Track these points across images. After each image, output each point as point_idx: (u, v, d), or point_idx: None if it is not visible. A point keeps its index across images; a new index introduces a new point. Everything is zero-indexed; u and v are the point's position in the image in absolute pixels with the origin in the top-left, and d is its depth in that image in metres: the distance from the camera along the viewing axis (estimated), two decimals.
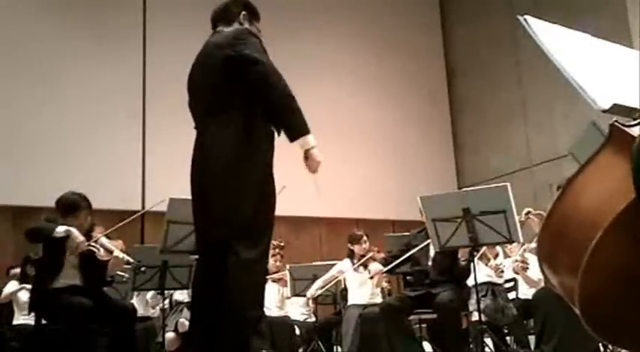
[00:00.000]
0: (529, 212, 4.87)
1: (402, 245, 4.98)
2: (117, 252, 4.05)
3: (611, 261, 1.19)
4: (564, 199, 1.30)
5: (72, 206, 4.01)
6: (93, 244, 3.98)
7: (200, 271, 2.87)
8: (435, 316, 4.55)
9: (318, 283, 5.85)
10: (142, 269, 4.54)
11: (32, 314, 4.14)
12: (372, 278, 5.17)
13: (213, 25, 3.01)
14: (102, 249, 4.00)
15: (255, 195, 2.71)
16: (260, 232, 2.73)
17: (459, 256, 4.48)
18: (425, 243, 4.60)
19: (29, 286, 5.82)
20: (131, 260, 4.21)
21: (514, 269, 5.00)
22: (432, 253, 4.66)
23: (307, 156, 2.79)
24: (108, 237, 4.21)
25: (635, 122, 1.29)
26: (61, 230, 3.79)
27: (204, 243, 2.83)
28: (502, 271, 5.16)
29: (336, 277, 5.88)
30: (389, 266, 4.79)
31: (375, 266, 4.97)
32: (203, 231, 2.83)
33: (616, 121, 1.29)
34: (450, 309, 4.36)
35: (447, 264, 4.56)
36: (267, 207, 2.77)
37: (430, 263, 4.68)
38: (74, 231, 3.82)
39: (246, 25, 2.93)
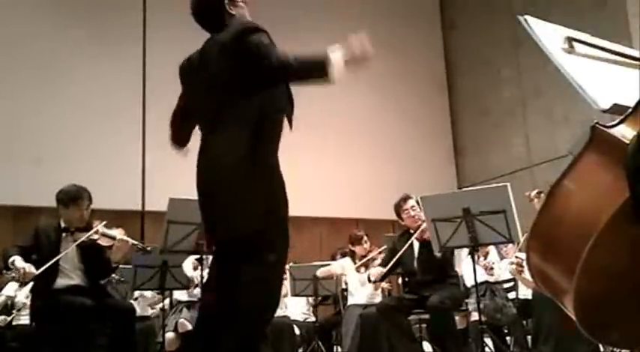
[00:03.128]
0: (541, 191, 4.83)
1: (388, 251, 5.03)
2: (121, 236, 4.04)
3: (606, 263, 1.18)
4: (551, 204, 1.28)
5: (74, 196, 4.06)
6: (92, 234, 3.98)
7: (213, 273, 2.81)
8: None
9: (322, 269, 5.86)
10: (149, 248, 4.48)
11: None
12: (374, 282, 5.19)
13: (202, 24, 2.84)
14: (103, 238, 4.01)
15: (266, 204, 2.62)
16: (275, 238, 2.66)
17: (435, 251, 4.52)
18: (407, 244, 4.65)
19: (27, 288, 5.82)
20: (135, 242, 4.21)
21: (511, 272, 5.00)
22: (416, 254, 4.70)
23: (350, 61, 2.47)
24: (106, 226, 4.19)
25: (615, 122, 1.28)
26: (10, 261, 3.85)
27: (217, 247, 2.78)
28: (492, 268, 5.17)
29: (337, 274, 5.89)
30: (385, 272, 4.83)
31: (376, 271, 4.98)
32: (214, 236, 2.74)
33: (597, 123, 1.28)
34: (442, 310, 4.38)
35: (429, 262, 4.59)
36: (281, 213, 2.70)
37: (415, 264, 4.73)
38: (17, 261, 3.84)
39: (234, 11, 2.77)
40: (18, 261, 3.84)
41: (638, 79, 1.38)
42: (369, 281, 5.10)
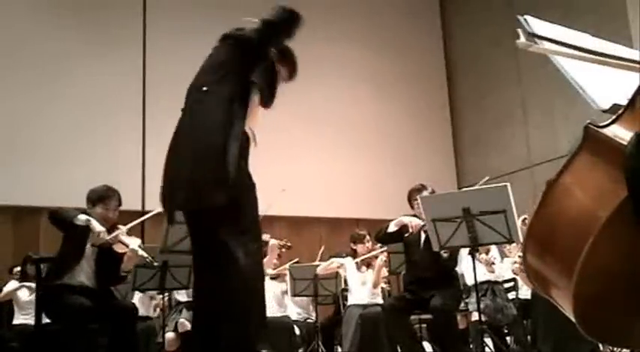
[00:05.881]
0: (525, 219, 4.85)
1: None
2: (134, 246, 4.02)
3: (604, 264, 1.18)
4: (546, 205, 1.28)
5: (103, 195, 4.03)
6: (112, 237, 3.97)
7: (201, 270, 2.83)
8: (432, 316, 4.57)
9: (322, 266, 5.84)
10: (155, 264, 4.52)
11: (32, 314, 4.13)
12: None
13: None
14: (119, 243, 3.99)
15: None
16: (252, 225, 2.72)
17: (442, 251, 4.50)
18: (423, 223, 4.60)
19: (29, 284, 5.82)
20: (145, 255, 4.18)
21: (513, 270, 5.00)
22: (421, 246, 4.68)
23: None
24: (128, 233, 4.17)
25: (608, 122, 1.28)
26: (82, 218, 3.82)
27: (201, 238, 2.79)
28: (493, 263, 5.17)
29: (336, 269, 5.88)
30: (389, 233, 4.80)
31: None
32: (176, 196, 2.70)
33: (590, 123, 1.28)
34: (444, 313, 4.38)
35: (432, 257, 4.56)
36: (252, 199, 2.75)
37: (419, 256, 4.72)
38: (94, 221, 3.84)
39: None
40: (95, 222, 3.83)
41: (638, 79, 1.38)
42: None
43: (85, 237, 3.86)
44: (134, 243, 4.08)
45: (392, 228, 4.79)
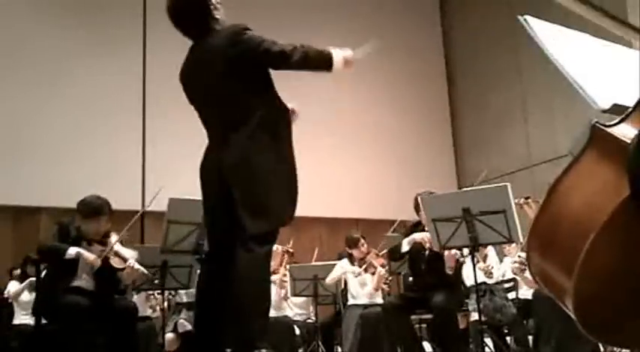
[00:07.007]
0: (529, 197, 4.84)
1: (404, 234, 4.93)
2: (131, 262, 3.98)
3: (605, 262, 1.18)
4: (551, 203, 1.28)
5: (95, 210, 3.98)
6: (108, 251, 3.94)
7: (210, 272, 2.83)
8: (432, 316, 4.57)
9: (330, 278, 5.82)
10: (156, 281, 4.70)
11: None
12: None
13: (184, 28, 2.91)
14: (116, 258, 3.96)
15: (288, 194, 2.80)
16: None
17: (446, 268, 4.48)
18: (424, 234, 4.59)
19: (34, 279, 5.82)
20: (145, 271, 4.16)
21: (513, 270, 4.99)
22: (426, 256, 4.66)
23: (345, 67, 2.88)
24: (122, 243, 4.15)
25: (615, 122, 1.28)
26: (72, 252, 3.83)
27: (219, 244, 2.80)
28: (491, 273, 5.18)
29: (340, 277, 5.87)
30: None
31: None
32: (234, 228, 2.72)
33: (597, 122, 1.28)
34: (445, 311, 4.37)
35: (437, 273, 4.55)
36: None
37: (423, 265, 4.69)
38: (84, 252, 3.85)
39: (217, 16, 2.83)
40: (86, 253, 3.85)
41: (637, 79, 1.38)
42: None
43: (76, 261, 3.88)
44: (131, 256, 4.05)
45: (405, 247, 4.71)
